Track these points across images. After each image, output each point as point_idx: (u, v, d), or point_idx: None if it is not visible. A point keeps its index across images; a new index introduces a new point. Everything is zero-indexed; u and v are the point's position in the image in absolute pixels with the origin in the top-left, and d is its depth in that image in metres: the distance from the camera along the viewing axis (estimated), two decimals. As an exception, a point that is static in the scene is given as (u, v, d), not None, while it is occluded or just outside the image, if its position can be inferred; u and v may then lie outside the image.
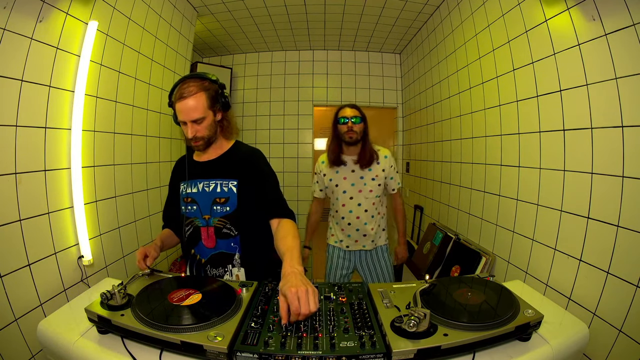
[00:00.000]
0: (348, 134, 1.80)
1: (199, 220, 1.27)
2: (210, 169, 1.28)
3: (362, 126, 1.82)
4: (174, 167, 1.42)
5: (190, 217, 1.29)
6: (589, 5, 1.18)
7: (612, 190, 1.12)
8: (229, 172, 1.27)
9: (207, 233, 1.27)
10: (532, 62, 1.49)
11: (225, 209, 1.25)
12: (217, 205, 1.25)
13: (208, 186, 1.26)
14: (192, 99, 1.15)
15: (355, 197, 1.87)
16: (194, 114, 1.16)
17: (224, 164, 1.28)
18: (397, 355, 0.79)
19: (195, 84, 1.17)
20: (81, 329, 0.94)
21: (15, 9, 1.14)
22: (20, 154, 1.20)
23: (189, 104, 1.15)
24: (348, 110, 1.83)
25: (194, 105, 1.15)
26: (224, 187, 1.25)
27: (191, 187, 1.29)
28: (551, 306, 1.12)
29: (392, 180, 1.94)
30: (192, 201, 1.28)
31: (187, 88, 1.16)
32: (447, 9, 2.36)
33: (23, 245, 1.22)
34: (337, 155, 1.87)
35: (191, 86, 1.16)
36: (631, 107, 1.06)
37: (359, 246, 1.93)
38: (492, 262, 1.79)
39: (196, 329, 0.84)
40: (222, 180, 1.26)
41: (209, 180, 1.27)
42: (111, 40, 1.67)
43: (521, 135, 1.60)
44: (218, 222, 1.25)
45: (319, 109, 3.75)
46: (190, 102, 1.15)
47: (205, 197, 1.26)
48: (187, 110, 1.15)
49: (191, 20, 2.55)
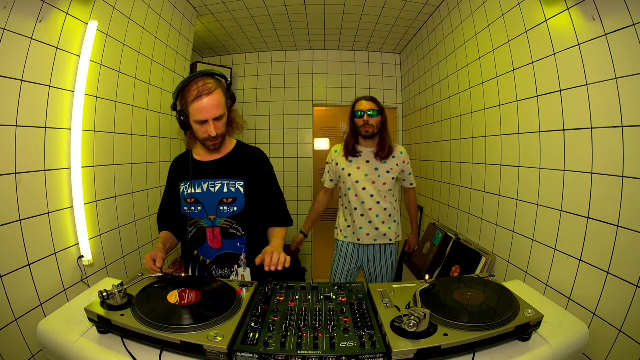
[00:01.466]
0: (364, 127, 1.78)
1: (204, 221, 1.26)
2: (215, 169, 1.27)
3: (379, 119, 1.80)
4: (171, 166, 1.39)
5: (194, 217, 1.27)
6: (589, 5, 1.18)
7: (612, 190, 1.12)
8: (235, 173, 1.26)
9: (213, 234, 1.26)
10: (532, 62, 1.49)
11: (233, 209, 1.25)
12: (224, 205, 1.24)
13: (214, 186, 1.25)
14: (213, 96, 1.12)
15: (367, 188, 1.85)
16: (217, 111, 1.13)
17: (229, 164, 1.27)
18: (397, 355, 0.79)
19: (211, 81, 1.14)
20: (81, 329, 0.94)
21: (15, 9, 1.14)
22: (20, 154, 1.20)
23: (211, 101, 1.12)
24: (364, 103, 1.79)
25: (216, 102, 1.13)
26: (230, 187, 1.25)
27: (194, 188, 1.26)
28: (551, 306, 1.12)
29: (410, 175, 1.97)
30: (196, 202, 1.26)
31: (206, 85, 1.12)
32: (447, 9, 2.36)
33: (23, 245, 1.22)
34: (352, 146, 1.86)
35: (209, 83, 1.12)
36: (631, 107, 1.06)
37: (370, 240, 1.90)
38: (492, 262, 1.79)
39: (196, 329, 0.84)
40: (228, 181, 1.25)
41: (214, 180, 1.26)
42: (111, 40, 1.66)
43: (521, 135, 1.60)
44: (225, 222, 1.25)
45: (319, 109, 3.75)
46: (212, 99, 1.12)
47: (211, 198, 1.25)
48: (210, 108, 1.12)
49: (191, 20, 2.55)
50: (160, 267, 1.11)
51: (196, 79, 1.13)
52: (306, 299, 1.04)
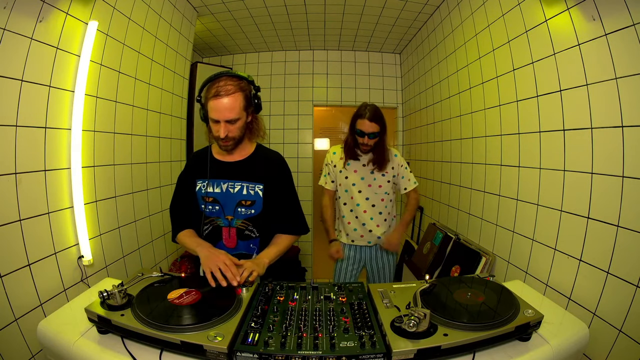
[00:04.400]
0: (362, 146, 1.80)
1: (221, 220, 1.27)
2: (235, 170, 1.27)
3: (377, 140, 1.80)
4: (189, 162, 1.37)
5: (211, 216, 1.28)
6: (589, 5, 1.18)
7: (612, 190, 1.12)
8: (255, 176, 1.26)
9: (229, 233, 1.27)
10: (532, 62, 1.49)
11: (250, 212, 1.26)
12: (242, 207, 1.25)
13: (233, 187, 1.26)
14: (229, 98, 1.11)
15: (363, 190, 1.87)
16: (230, 114, 1.13)
17: (250, 167, 1.28)
18: (397, 355, 0.79)
19: (233, 83, 1.13)
20: (81, 329, 0.94)
21: (15, 9, 1.14)
22: (20, 154, 1.20)
23: (225, 104, 1.11)
24: (367, 124, 1.73)
25: (230, 105, 1.12)
26: (250, 191, 1.25)
27: (213, 187, 1.27)
28: (551, 306, 1.12)
29: (402, 179, 1.90)
30: (214, 201, 1.26)
31: (225, 86, 1.11)
32: (447, 9, 2.36)
33: (23, 245, 1.22)
34: (351, 150, 1.87)
35: (229, 85, 1.12)
36: (631, 107, 1.06)
37: (364, 241, 1.93)
38: (492, 262, 1.79)
39: (196, 329, 0.84)
40: (248, 183, 1.26)
41: (234, 181, 1.26)
42: (111, 40, 1.66)
43: (521, 135, 1.60)
44: (241, 223, 1.26)
45: (319, 109, 3.75)
46: (227, 101, 1.11)
47: (230, 199, 1.26)
48: (223, 109, 1.12)
49: (191, 20, 2.55)
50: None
51: (220, 78, 1.13)
52: (306, 299, 1.04)
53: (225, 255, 1.09)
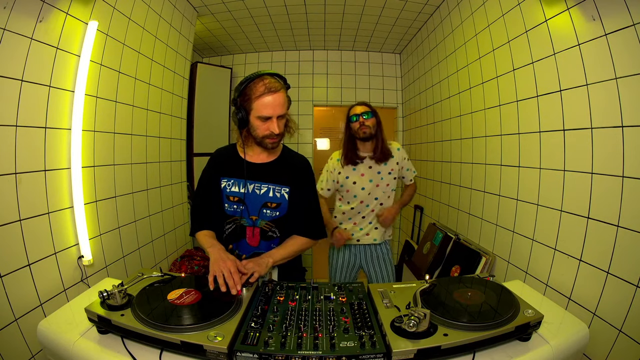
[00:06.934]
0: (362, 129, 1.82)
1: (246, 220, 1.28)
2: (263, 172, 1.28)
3: (374, 120, 1.84)
4: (213, 159, 1.35)
5: (235, 215, 1.28)
6: (589, 5, 1.18)
7: (612, 190, 1.12)
8: (282, 179, 1.27)
9: (253, 233, 1.28)
10: (532, 62, 1.49)
11: (275, 214, 1.27)
12: (268, 209, 1.27)
13: (259, 189, 1.27)
14: (279, 94, 1.14)
15: (372, 192, 1.90)
16: (281, 110, 1.16)
17: (277, 170, 1.28)
18: (397, 355, 0.79)
19: (277, 81, 1.16)
20: (81, 329, 0.94)
21: (15, 9, 1.14)
22: (20, 154, 1.20)
23: (278, 99, 1.13)
24: (358, 108, 1.86)
25: (282, 101, 1.15)
26: (276, 193, 1.27)
27: (239, 187, 1.27)
28: (551, 306, 1.12)
29: (407, 171, 1.98)
30: (239, 201, 1.27)
31: (274, 83, 1.14)
32: (447, 9, 2.36)
33: (23, 245, 1.22)
34: (353, 153, 1.88)
35: (276, 82, 1.15)
36: (631, 107, 1.06)
37: (370, 240, 1.94)
38: (492, 262, 1.79)
39: (196, 329, 0.84)
40: (275, 186, 1.27)
41: (261, 183, 1.27)
42: (111, 40, 1.66)
43: (521, 135, 1.60)
44: (265, 224, 1.28)
45: (319, 109, 3.75)
46: (280, 96, 1.14)
47: (256, 200, 1.27)
48: (276, 105, 1.14)
49: (191, 20, 2.55)
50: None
51: (262, 77, 1.15)
52: (306, 299, 1.04)
53: (232, 262, 1.08)
